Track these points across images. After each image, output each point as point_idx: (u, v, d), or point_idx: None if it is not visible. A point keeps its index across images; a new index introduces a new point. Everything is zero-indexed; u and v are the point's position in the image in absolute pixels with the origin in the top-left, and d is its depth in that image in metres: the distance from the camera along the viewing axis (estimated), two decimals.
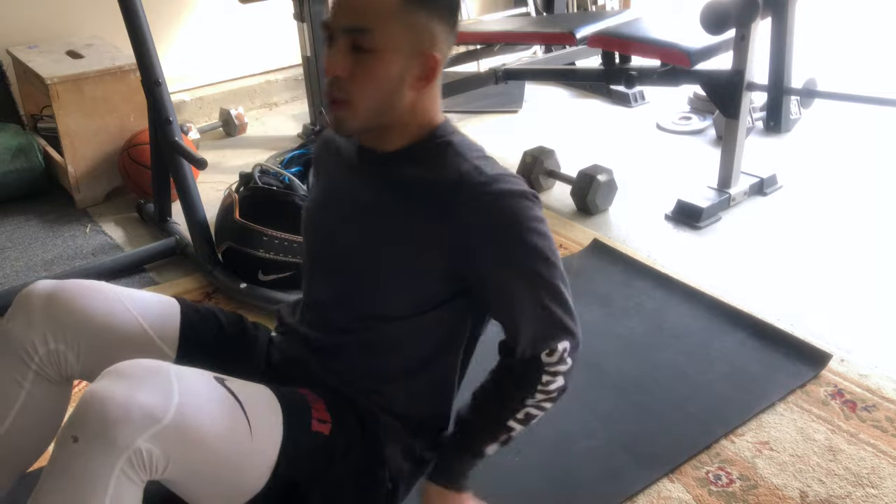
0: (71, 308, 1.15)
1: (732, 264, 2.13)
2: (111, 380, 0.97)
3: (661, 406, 1.55)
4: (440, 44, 1.13)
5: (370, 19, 1.03)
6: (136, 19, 1.96)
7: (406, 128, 1.13)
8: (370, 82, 1.05)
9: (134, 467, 0.94)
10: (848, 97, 2.36)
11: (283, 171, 2.15)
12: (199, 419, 0.98)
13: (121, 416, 0.93)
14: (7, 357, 1.16)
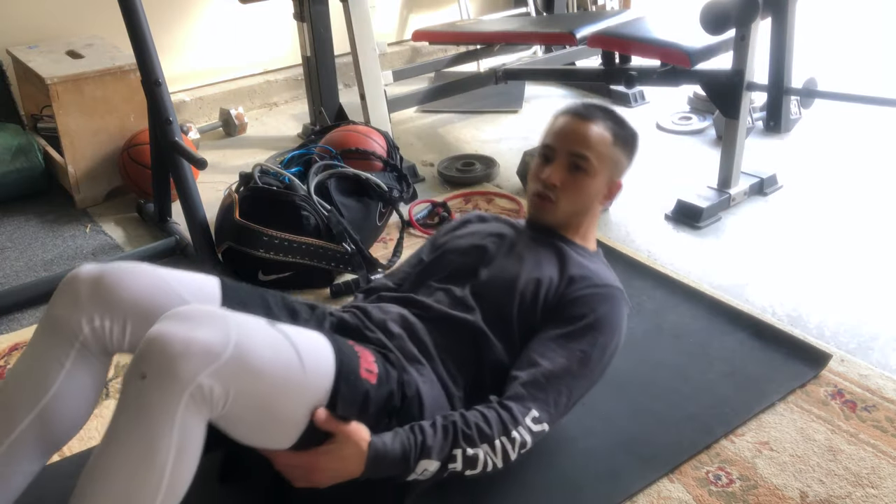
0: (117, 289, 1.19)
1: (732, 264, 2.13)
2: (172, 321, 1.04)
3: (661, 406, 1.55)
4: (623, 173, 1.52)
5: (590, 150, 1.44)
6: (136, 19, 1.96)
7: (578, 226, 1.51)
8: (577, 194, 1.46)
9: (197, 402, 1.01)
10: (848, 97, 2.36)
11: (283, 171, 2.15)
12: (256, 355, 1.05)
13: (183, 352, 1.00)
14: (52, 339, 1.20)
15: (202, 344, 1.01)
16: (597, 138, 1.45)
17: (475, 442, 1.22)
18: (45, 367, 1.19)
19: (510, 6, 4.04)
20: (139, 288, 1.20)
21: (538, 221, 1.51)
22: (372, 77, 2.65)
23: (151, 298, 1.20)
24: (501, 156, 2.83)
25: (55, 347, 1.20)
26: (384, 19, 3.85)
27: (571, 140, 1.45)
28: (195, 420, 1.03)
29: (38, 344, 1.22)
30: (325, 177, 2.14)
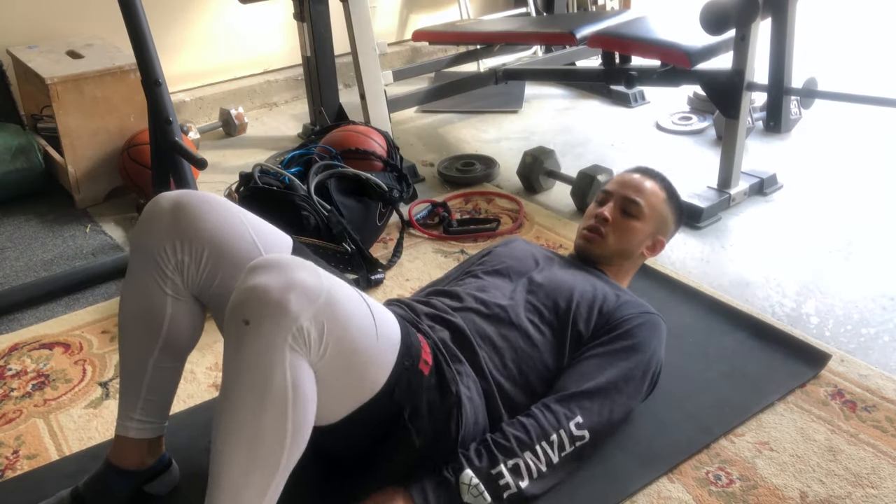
0: (195, 216, 1.22)
1: (732, 264, 2.13)
2: (263, 271, 1.06)
3: (661, 406, 1.55)
4: (668, 234, 1.67)
5: (643, 198, 1.61)
6: (136, 19, 1.96)
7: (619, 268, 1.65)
8: (625, 235, 1.61)
9: (299, 344, 1.04)
10: (848, 97, 2.36)
11: (283, 171, 2.15)
12: (344, 302, 1.10)
13: (283, 296, 1.03)
14: (146, 266, 1.24)
15: (301, 287, 1.04)
16: (650, 190, 1.62)
17: (514, 452, 1.29)
18: (152, 300, 1.25)
19: (510, 6, 4.04)
20: (215, 219, 1.23)
21: (584, 253, 1.64)
22: (372, 77, 2.65)
23: (225, 234, 1.23)
24: (501, 156, 2.83)
25: (153, 276, 1.24)
26: (384, 19, 3.86)
27: (627, 187, 1.63)
28: (302, 362, 1.05)
29: (137, 273, 1.26)
30: (325, 177, 2.14)
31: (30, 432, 1.59)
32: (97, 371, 1.77)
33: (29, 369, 1.78)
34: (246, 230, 1.25)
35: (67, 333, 1.91)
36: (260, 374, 1.03)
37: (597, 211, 1.64)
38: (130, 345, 1.29)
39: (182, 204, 1.23)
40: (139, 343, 1.28)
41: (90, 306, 2.03)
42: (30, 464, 1.50)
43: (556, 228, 2.33)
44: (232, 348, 1.06)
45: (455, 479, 1.26)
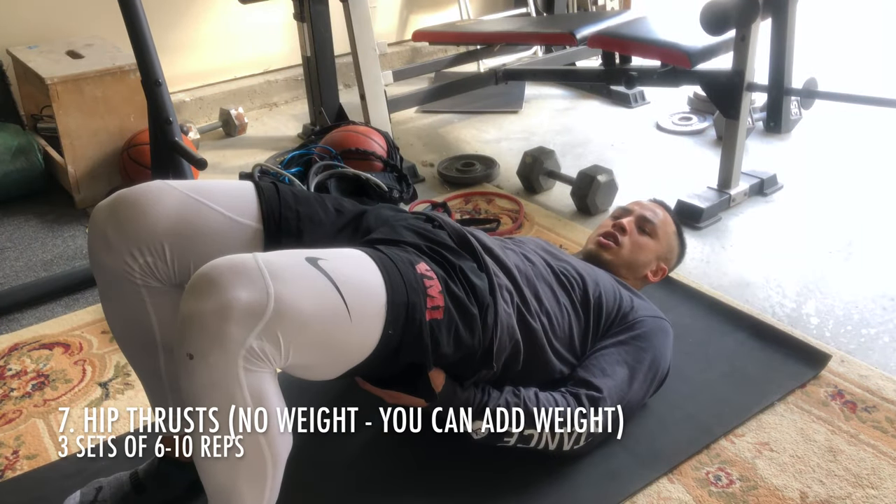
0: (136, 216, 1.15)
1: (732, 264, 2.12)
2: (198, 294, 0.98)
3: (661, 406, 1.55)
4: (671, 264, 1.77)
5: (657, 220, 1.72)
6: (136, 19, 1.95)
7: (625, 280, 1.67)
8: (637, 249, 1.69)
9: (254, 363, 0.99)
10: (848, 98, 2.36)
11: (283, 171, 2.15)
12: (298, 303, 1.00)
13: (223, 326, 0.96)
14: (114, 284, 1.19)
15: (240, 308, 0.96)
16: (663, 218, 1.74)
17: (533, 422, 1.33)
18: (133, 314, 1.20)
19: (510, 6, 4.04)
20: (161, 208, 1.16)
21: (596, 259, 1.68)
22: (372, 77, 2.65)
23: (178, 217, 1.16)
24: (501, 156, 2.83)
25: (124, 290, 1.19)
26: (384, 19, 3.85)
27: (645, 209, 1.74)
28: (260, 377, 1.00)
29: (108, 293, 1.22)
30: (325, 177, 2.14)
31: (30, 432, 1.59)
32: (97, 371, 1.77)
33: (29, 369, 1.78)
34: (199, 203, 1.19)
35: (67, 333, 1.91)
36: (219, 405, 1.00)
37: (615, 222, 1.72)
38: (135, 359, 1.29)
39: (119, 208, 1.16)
40: (141, 355, 1.27)
41: (90, 306, 2.02)
42: (30, 464, 1.50)
43: (556, 229, 2.33)
44: (185, 381, 1.01)
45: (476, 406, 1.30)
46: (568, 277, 1.51)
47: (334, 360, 1.12)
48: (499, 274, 1.36)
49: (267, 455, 1.04)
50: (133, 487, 1.32)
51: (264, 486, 1.06)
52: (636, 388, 1.45)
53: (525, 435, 1.35)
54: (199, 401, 1.01)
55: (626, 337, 1.49)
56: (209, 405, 1.00)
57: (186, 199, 1.19)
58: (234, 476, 1.04)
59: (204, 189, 1.21)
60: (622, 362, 1.46)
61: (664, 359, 1.51)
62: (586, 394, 1.40)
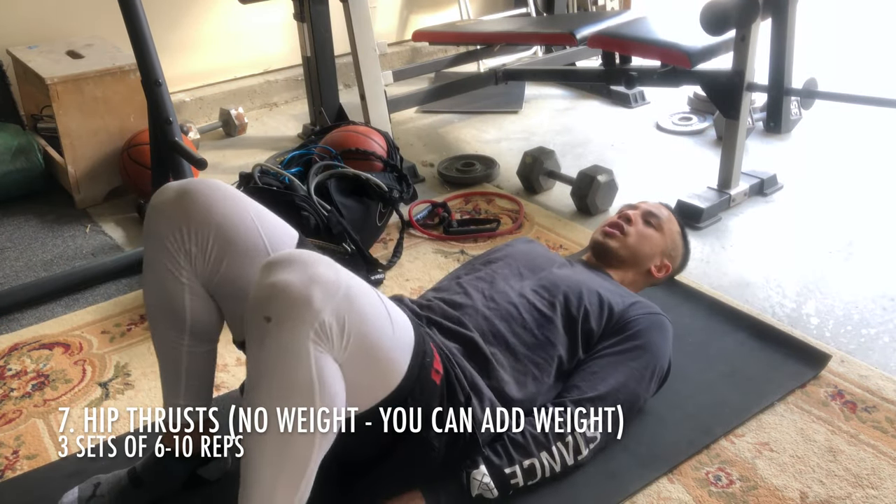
0: (201, 202, 1.21)
1: (732, 265, 2.13)
2: (282, 267, 1.05)
3: (661, 406, 1.55)
4: (675, 262, 1.76)
5: (661, 216, 1.73)
6: (136, 19, 1.95)
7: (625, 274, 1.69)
8: (641, 240, 1.69)
9: (322, 339, 1.03)
10: (848, 98, 2.36)
11: (283, 171, 2.15)
12: (361, 297, 1.09)
13: (305, 291, 1.02)
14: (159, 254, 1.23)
15: (322, 282, 1.03)
16: (668, 216, 1.75)
17: (531, 452, 1.34)
18: (170, 290, 1.24)
19: (510, 6, 4.04)
20: (221, 206, 1.22)
21: (601, 248, 1.69)
22: (372, 77, 2.65)
23: (231, 222, 1.22)
24: (501, 156, 2.83)
25: (167, 265, 1.23)
26: (384, 19, 3.86)
27: (650, 205, 1.76)
28: (326, 358, 1.04)
29: (152, 264, 1.25)
30: (325, 177, 2.14)
31: (30, 432, 1.59)
32: (97, 371, 1.77)
33: (29, 369, 1.78)
34: (252, 220, 1.24)
35: (67, 333, 1.91)
36: (285, 371, 1.03)
37: (621, 213, 1.74)
38: (161, 335, 1.30)
39: (188, 191, 1.22)
40: (169, 333, 1.29)
41: (90, 306, 2.02)
42: (30, 464, 1.50)
43: (556, 229, 2.33)
44: (255, 346, 1.05)
45: (466, 474, 1.30)
46: (547, 299, 1.50)
47: (374, 376, 1.15)
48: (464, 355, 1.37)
49: (315, 442, 1.06)
50: (130, 482, 1.33)
51: (302, 477, 1.08)
52: (633, 386, 1.45)
53: (527, 468, 1.33)
54: (267, 367, 1.04)
55: (621, 338, 1.49)
56: (277, 373, 1.03)
57: (244, 212, 1.24)
58: (278, 456, 1.05)
59: (261, 214, 1.27)
60: (617, 363, 1.45)
61: (663, 354, 1.50)
62: (572, 399, 1.40)
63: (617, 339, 1.48)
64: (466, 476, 1.30)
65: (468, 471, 1.30)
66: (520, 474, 1.33)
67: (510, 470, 1.32)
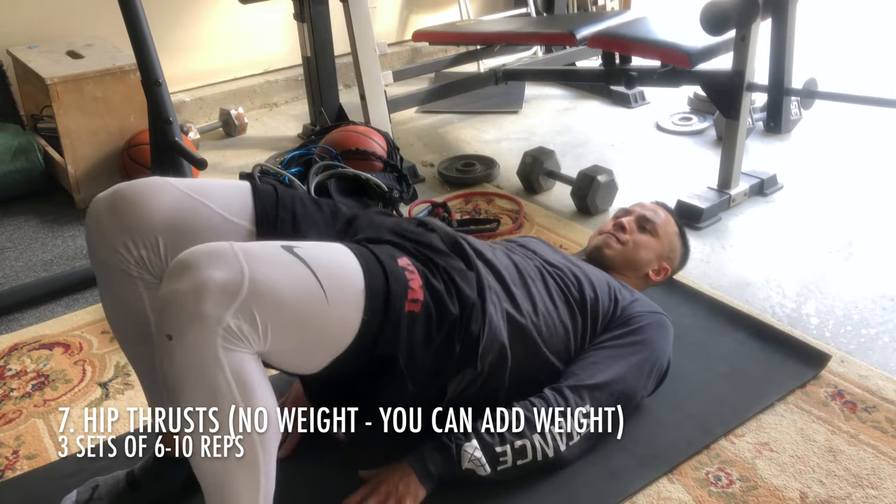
0: (134, 207, 1.18)
1: (732, 265, 2.12)
2: (174, 277, 1.01)
3: (661, 406, 1.55)
4: (674, 264, 1.78)
5: (657, 219, 1.74)
6: (136, 19, 1.95)
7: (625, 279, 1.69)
8: (637, 247, 1.71)
9: (232, 342, 0.99)
10: (848, 98, 2.36)
11: (283, 171, 2.15)
12: (273, 283, 1.02)
13: (198, 305, 0.97)
14: (110, 273, 1.20)
15: (216, 286, 0.98)
16: (665, 218, 1.76)
17: (523, 434, 1.33)
18: (129, 303, 1.22)
19: (510, 6, 4.04)
20: (157, 203, 1.18)
21: (597, 255, 1.71)
22: (372, 77, 2.65)
23: (174, 213, 1.18)
24: (501, 156, 2.83)
25: (120, 281, 1.20)
26: (384, 19, 3.86)
27: (646, 209, 1.77)
28: (241, 357, 1.00)
29: (106, 284, 1.23)
30: (325, 177, 2.14)
31: (30, 432, 1.59)
32: (97, 371, 1.77)
33: (29, 369, 1.78)
34: (195, 201, 1.20)
35: (67, 333, 1.91)
36: (200, 386, 1.00)
37: (615, 221, 1.76)
38: (131, 352, 1.29)
39: (116, 201, 1.19)
40: (137, 349, 1.28)
41: (90, 306, 2.02)
42: (30, 464, 1.50)
43: (556, 229, 2.33)
44: (166, 364, 1.01)
45: (456, 446, 1.30)
46: (563, 278, 1.51)
47: (313, 347, 1.11)
48: (488, 276, 1.36)
49: (257, 445, 1.03)
50: (128, 484, 1.33)
51: (258, 476, 1.06)
52: (631, 380, 1.45)
53: (518, 448, 1.33)
54: (182, 385, 1.01)
55: (622, 332, 1.50)
56: (191, 389, 1.00)
57: (182, 196, 1.20)
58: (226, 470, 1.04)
59: (201, 187, 1.23)
60: (617, 356, 1.46)
61: (663, 352, 1.51)
62: (568, 386, 1.40)
63: (619, 333, 1.49)
64: (457, 448, 1.30)
65: (458, 443, 1.31)
66: (509, 453, 1.33)
67: (501, 449, 1.32)
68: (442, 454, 1.32)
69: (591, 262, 1.71)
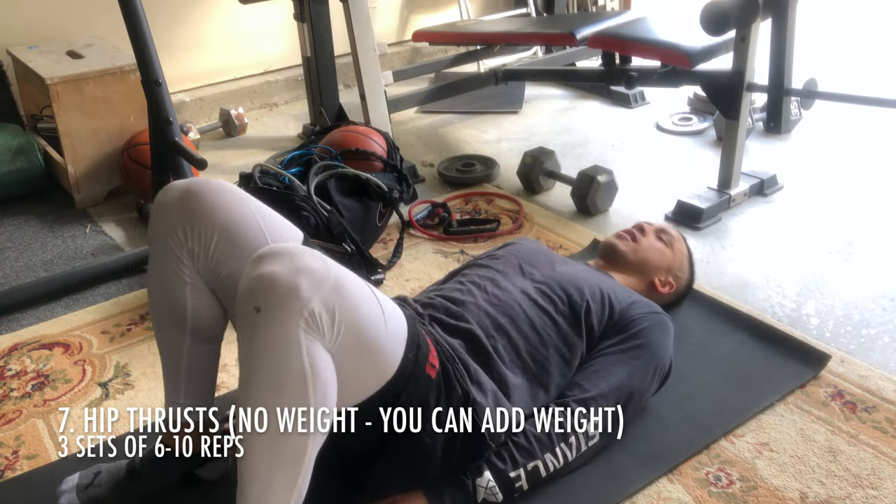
0: (205, 202, 1.22)
1: (732, 265, 2.13)
2: (270, 259, 1.06)
3: (661, 406, 1.55)
4: (680, 283, 1.79)
5: (673, 236, 1.80)
6: (136, 19, 1.95)
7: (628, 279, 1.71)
8: (651, 250, 1.75)
9: (312, 329, 1.03)
10: (848, 98, 2.36)
11: (283, 171, 2.15)
12: (351, 288, 1.09)
13: (293, 281, 1.03)
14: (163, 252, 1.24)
15: (309, 272, 1.04)
16: (679, 238, 1.81)
17: (535, 454, 1.34)
18: (172, 288, 1.25)
19: (510, 7, 4.04)
20: (224, 205, 1.23)
21: (610, 249, 1.75)
22: (372, 77, 2.65)
23: (235, 220, 1.23)
24: (501, 156, 2.83)
25: (170, 264, 1.24)
26: (384, 19, 3.86)
27: (664, 226, 1.82)
28: (317, 346, 1.04)
29: (156, 262, 1.26)
30: (325, 177, 2.14)
31: (30, 432, 1.59)
32: (97, 371, 1.77)
33: (29, 369, 1.78)
34: (255, 219, 1.25)
35: (67, 333, 1.91)
36: (277, 361, 1.03)
37: (635, 224, 1.81)
38: (163, 334, 1.31)
39: (192, 191, 1.23)
40: (170, 331, 1.30)
41: (90, 306, 2.02)
42: (30, 464, 1.50)
43: (556, 229, 2.33)
44: (246, 337, 1.06)
45: (472, 481, 1.30)
46: (548, 296, 1.50)
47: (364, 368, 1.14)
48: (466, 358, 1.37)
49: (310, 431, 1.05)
50: (128, 474, 1.35)
51: (300, 467, 1.07)
52: (636, 385, 1.45)
53: (531, 470, 1.33)
54: (259, 357, 1.04)
55: (623, 336, 1.49)
56: (268, 363, 1.03)
57: (248, 214, 1.25)
58: (275, 449, 1.05)
59: (266, 213, 1.28)
60: (619, 362, 1.46)
61: (664, 353, 1.51)
62: (575, 399, 1.40)
63: (619, 339, 1.49)
64: (473, 485, 1.30)
65: (473, 479, 1.30)
66: (524, 477, 1.33)
67: (514, 474, 1.32)
68: (459, 490, 1.31)
69: (602, 257, 1.74)
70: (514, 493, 1.32)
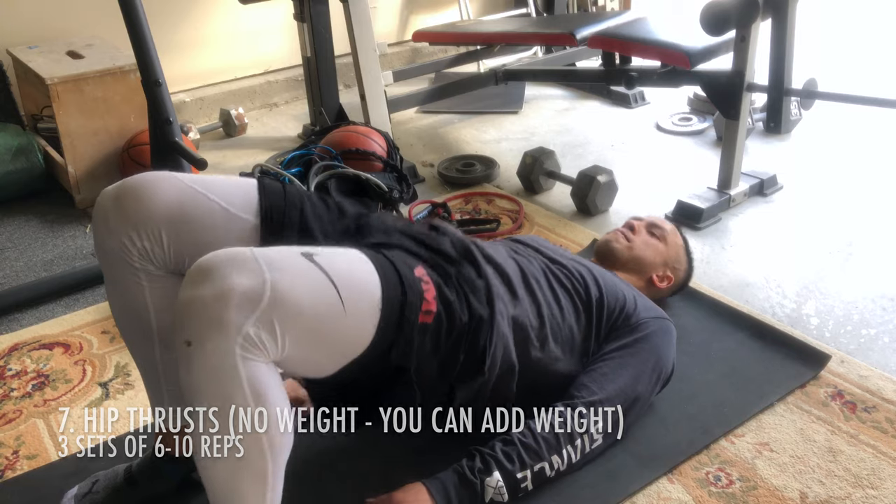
0: (138, 200, 1.18)
1: (732, 265, 2.13)
2: (196, 282, 1.00)
3: (661, 406, 1.55)
4: (678, 275, 1.81)
5: (665, 229, 1.80)
6: (136, 19, 1.95)
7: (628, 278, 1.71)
8: (644, 247, 1.76)
9: (251, 352, 0.99)
10: (848, 98, 2.36)
11: (283, 171, 2.15)
12: (293, 291, 1.02)
13: (220, 312, 0.97)
14: (115, 267, 1.21)
15: (238, 294, 0.98)
16: (672, 229, 1.82)
17: (542, 456, 1.34)
18: (132, 297, 1.22)
19: (510, 7, 4.04)
20: (162, 196, 1.18)
21: (605, 249, 1.76)
22: (372, 77, 2.65)
23: (178, 206, 1.19)
24: (501, 156, 2.83)
25: (124, 273, 1.21)
26: (384, 19, 3.86)
27: (654, 219, 1.84)
28: (258, 367, 1.00)
29: (110, 275, 1.24)
30: (325, 177, 2.14)
31: (30, 432, 1.59)
32: (97, 371, 1.77)
33: (29, 369, 1.78)
34: (198, 194, 1.20)
35: (67, 333, 1.91)
36: (217, 395, 1.00)
37: (626, 223, 1.82)
38: (132, 346, 1.30)
39: (121, 194, 1.19)
40: (138, 343, 1.28)
41: (90, 306, 2.03)
42: (30, 464, 1.50)
43: (556, 229, 2.33)
44: (183, 370, 1.01)
45: (480, 481, 1.29)
46: (569, 277, 1.52)
47: (329, 354, 1.11)
48: (496, 282, 1.37)
49: (267, 453, 1.04)
50: (125, 480, 1.34)
51: (265, 485, 1.06)
52: (640, 389, 1.46)
53: (537, 472, 1.33)
54: (198, 392, 1.01)
55: (629, 340, 1.50)
56: (208, 397, 1.00)
57: (187, 189, 1.21)
58: (234, 476, 1.04)
59: (205, 181, 1.23)
60: (625, 366, 1.47)
61: (668, 359, 1.52)
62: (583, 401, 1.41)
63: (626, 342, 1.50)
64: (481, 485, 1.30)
65: (482, 478, 1.30)
66: (529, 478, 1.32)
67: (521, 475, 1.32)
68: (467, 489, 1.29)
69: (598, 258, 1.75)
70: (520, 493, 1.32)
